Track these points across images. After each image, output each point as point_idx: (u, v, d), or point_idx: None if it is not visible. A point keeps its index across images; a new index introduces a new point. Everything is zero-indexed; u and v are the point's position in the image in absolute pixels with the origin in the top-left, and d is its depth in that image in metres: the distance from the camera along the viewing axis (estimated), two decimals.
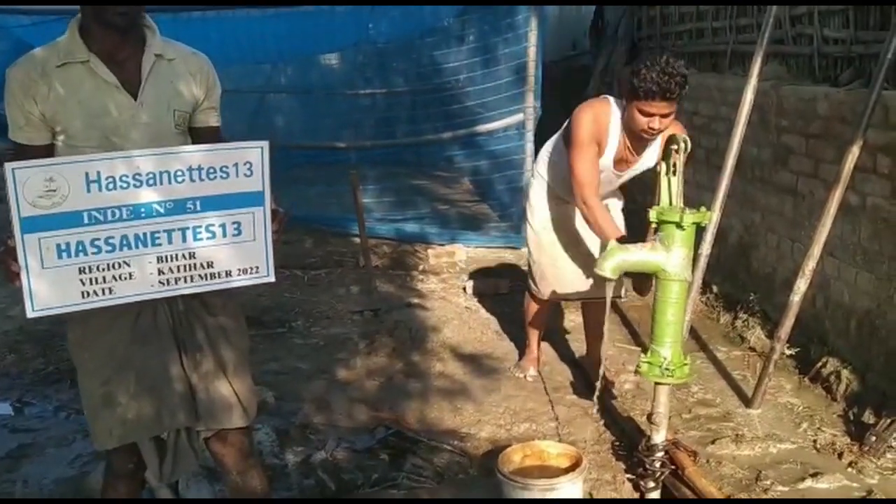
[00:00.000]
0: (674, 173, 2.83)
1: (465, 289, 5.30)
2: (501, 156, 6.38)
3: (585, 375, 3.94)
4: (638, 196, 4.36)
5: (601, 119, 3.24)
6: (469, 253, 6.07)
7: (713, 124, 5.04)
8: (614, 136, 3.26)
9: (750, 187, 4.60)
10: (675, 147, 2.79)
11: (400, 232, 6.40)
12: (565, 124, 3.48)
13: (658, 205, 2.84)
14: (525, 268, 5.62)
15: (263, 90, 8.39)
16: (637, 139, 3.23)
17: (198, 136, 2.15)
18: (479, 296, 5.17)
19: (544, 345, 4.22)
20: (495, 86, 6.26)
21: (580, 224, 3.57)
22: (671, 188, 2.85)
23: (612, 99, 3.32)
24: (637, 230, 3.52)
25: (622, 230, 3.28)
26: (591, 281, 3.61)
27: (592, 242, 3.59)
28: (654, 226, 2.83)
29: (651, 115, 3.03)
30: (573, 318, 4.72)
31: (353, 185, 5.21)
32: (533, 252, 3.74)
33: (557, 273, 3.66)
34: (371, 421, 3.49)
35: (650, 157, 3.35)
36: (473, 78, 6.39)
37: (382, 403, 3.67)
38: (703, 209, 2.80)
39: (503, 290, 5.24)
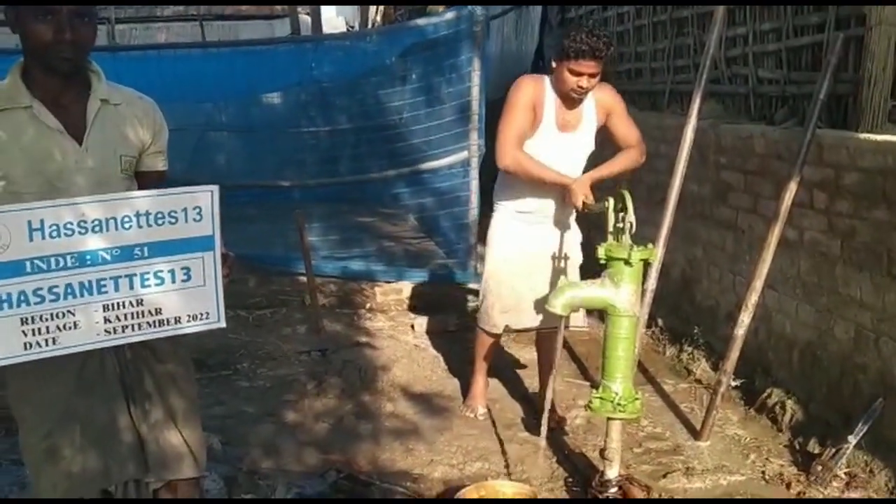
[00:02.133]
0: (622, 209, 2.89)
1: (412, 326, 5.27)
2: (446, 193, 6.40)
3: (536, 411, 3.94)
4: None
5: (538, 87, 3.38)
6: (416, 290, 6.04)
7: (654, 161, 5.11)
8: (550, 104, 3.38)
9: (691, 223, 4.70)
10: (620, 207, 2.85)
11: (346, 270, 6.33)
12: None
13: (606, 242, 2.90)
14: (473, 304, 5.70)
15: (204, 128, 8.31)
16: (569, 101, 3.37)
17: (144, 180, 2.11)
18: (427, 333, 5.15)
19: (494, 382, 4.23)
20: (439, 124, 6.30)
21: (540, 251, 3.61)
22: (619, 234, 2.90)
23: (544, 76, 3.47)
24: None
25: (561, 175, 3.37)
26: (545, 312, 3.63)
27: (549, 272, 3.63)
28: (602, 261, 2.88)
29: (580, 73, 3.22)
30: (521, 355, 4.73)
31: (299, 224, 5.17)
32: (491, 284, 3.71)
33: (518, 304, 3.66)
34: (322, 465, 3.42)
35: (589, 116, 3.46)
36: (417, 117, 6.43)
37: (333, 446, 3.60)
38: (650, 246, 2.86)
39: (451, 327, 5.24)
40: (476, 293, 5.89)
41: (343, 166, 7.41)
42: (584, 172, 3.50)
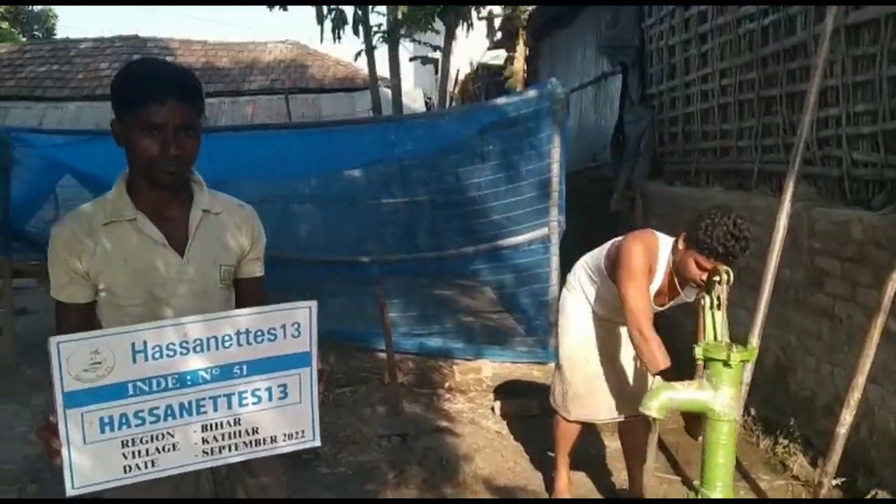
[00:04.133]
0: (718, 307, 2.79)
1: (493, 409, 5.18)
2: (526, 269, 6.34)
3: None
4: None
5: (652, 252, 3.24)
6: (495, 369, 5.97)
7: None
8: (660, 272, 3.25)
9: (784, 308, 4.52)
10: (717, 279, 2.77)
11: (424, 346, 6.32)
12: (606, 249, 3.48)
13: (703, 340, 2.79)
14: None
15: (287, 200, 8.50)
16: (684, 282, 3.22)
17: (241, 287, 2.13)
18: (508, 417, 5.05)
19: (580, 475, 4.09)
20: (519, 200, 6.29)
21: (617, 342, 3.52)
22: (716, 323, 2.80)
23: (657, 234, 3.33)
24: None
25: (669, 361, 3.18)
26: (626, 401, 3.52)
27: (628, 360, 3.53)
28: (699, 363, 2.77)
29: (707, 270, 2.96)
30: (608, 444, 4.58)
31: (380, 302, 5.20)
32: (566, 370, 3.63)
33: (592, 392, 3.56)
34: None
35: (689, 294, 3.31)
36: (497, 193, 6.43)
37: None
38: (749, 345, 2.75)
39: (533, 411, 5.12)
40: None
41: (422, 241, 7.43)
42: None
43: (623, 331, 3.48)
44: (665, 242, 3.27)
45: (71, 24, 72.69)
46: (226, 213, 2.11)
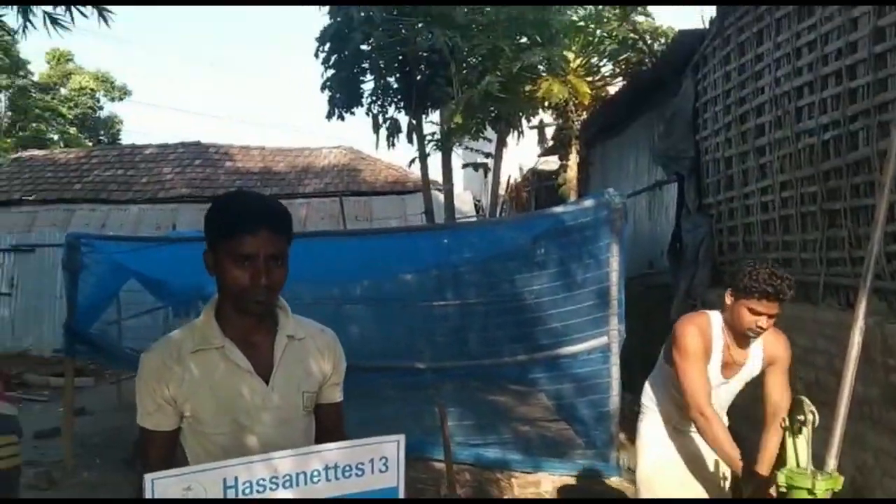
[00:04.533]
0: (798, 433, 2.71)
1: None
2: (585, 379, 6.24)
3: None
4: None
5: (705, 329, 3.28)
6: (554, 483, 5.81)
7: (810, 356, 4.89)
8: (718, 344, 3.28)
9: (858, 426, 4.36)
10: (802, 419, 2.70)
11: (481, 457, 6.21)
12: (665, 345, 3.45)
13: (785, 466, 2.70)
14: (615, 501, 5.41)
15: (340, 302, 8.59)
16: (741, 338, 3.25)
17: (321, 412, 2.14)
18: None
19: None
20: (577, 309, 6.25)
21: (696, 457, 3.45)
22: (797, 448, 2.72)
23: (708, 312, 3.38)
24: None
25: (736, 449, 3.14)
26: None
27: (709, 478, 3.45)
28: (782, 490, 2.68)
29: (760, 314, 3.09)
30: None
31: (441, 412, 5.16)
32: (644, 491, 3.55)
33: None
34: None
35: (755, 362, 3.33)
36: (555, 301, 6.42)
37: None
38: (834, 473, 2.65)
39: None
40: (620, 490, 5.64)
41: (477, 347, 7.41)
42: None
43: (703, 443, 3.40)
44: (716, 318, 3.32)
45: (135, 128, 76.23)
46: (309, 338, 2.14)
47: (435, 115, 11.41)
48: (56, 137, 29.48)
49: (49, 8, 5.22)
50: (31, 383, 10.80)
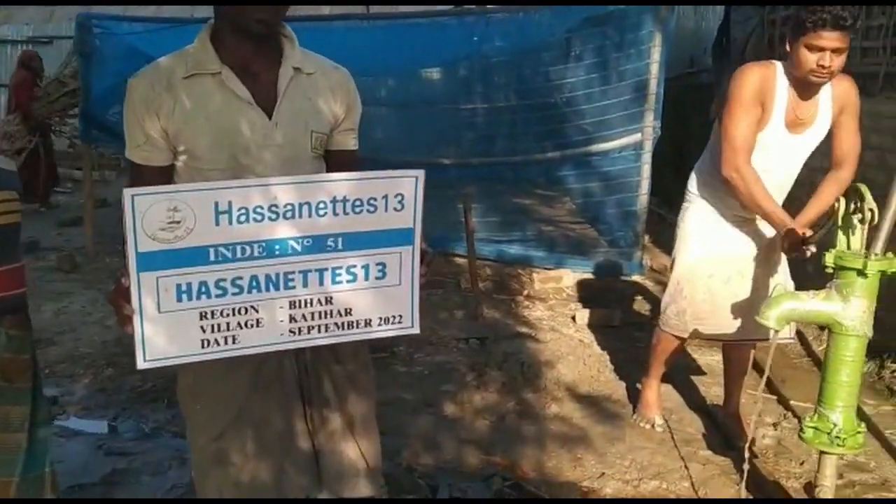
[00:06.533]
0: (858, 221, 2.47)
1: (574, 318, 4.97)
2: (614, 178, 6.02)
3: (718, 426, 3.57)
4: None
5: (768, 77, 2.91)
6: (576, 278, 5.73)
7: (863, 154, 4.56)
8: (782, 96, 2.91)
9: None
10: (860, 217, 2.43)
11: (503, 254, 6.11)
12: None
13: (836, 247, 2.49)
14: (639, 298, 5.33)
15: (364, 102, 8.21)
16: (806, 88, 2.89)
17: (333, 160, 1.91)
18: (590, 328, 4.83)
19: (667, 388, 3.87)
20: (612, 104, 5.92)
21: (741, 255, 3.20)
22: (850, 234, 2.50)
23: (777, 62, 2.98)
24: None
25: (783, 213, 2.91)
26: (750, 320, 3.22)
27: (753, 276, 3.20)
28: (828, 270, 2.48)
29: (822, 49, 2.71)
30: (699, 358, 4.34)
31: (466, 208, 5.02)
32: (683, 285, 3.29)
33: (715, 311, 3.24)
34: (483, 466, 3.21)
35: (823, 118, 2.98)
36: (590, 94, 6.06)
37: (495, 446, 3.38)
38: (890, 255, 2.44)
39: (615, 322, 4.91)
40: (642, 288, 5.55)
41: (505, 145, 7.14)
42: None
43: (752, 232, 3.17)
44: (783, 69, 2.93)
45: None
46: (320, 74, 1.89)
47: None
48: None
49: None
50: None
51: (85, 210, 6.99)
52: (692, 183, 3.31)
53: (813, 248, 2.71)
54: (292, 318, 1.60)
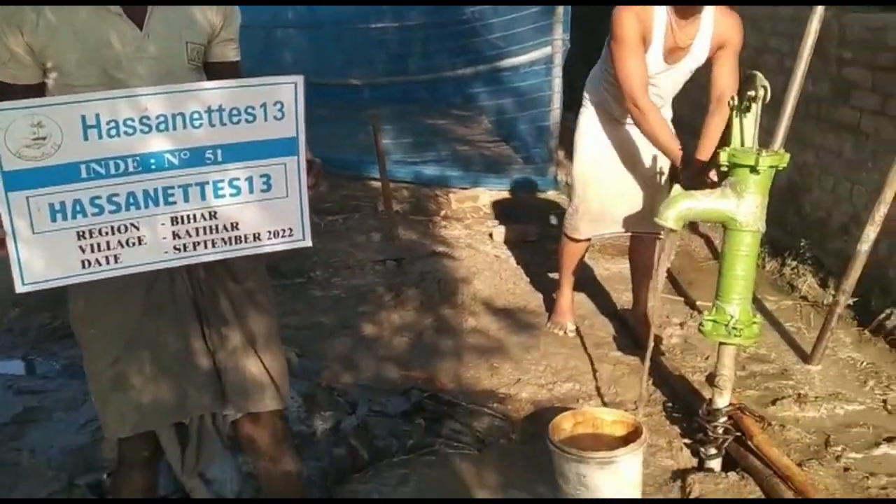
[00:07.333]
0: (747, 111, 2.53)
1: (491, 235, 5.01)
2: (526, 93, 6.01)
3: (628, 329, 3.69)
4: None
5: (642, 13, 2.98)
6: (492, 197, 5.75)
7: (761, 57, 4.65)
8: (660, 26, 3.00)
9: (803, 125, 4.22)
10: (752, 93, 2.49)
11: (419, 175, 6.07)
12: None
13: (729, 146, 2.54)
14: (555, 213, 5.40)
15: (271, 25, 7.97)
16: (684, 14, 2.97)
17: (214, 73, 1.82)
18: (506, 244, 4.88)
19: (581, 296, 3.97)
20: (520, 16, 5.86)
21: (633, 153, 3.34)
22: (743, 127, 2.56)
23: None
24: None
25: (677, 142, 3.03)
26: (641, 215, 3.37)
27: (641, 175, 3.35)
28: (723, 169, 2.54)
29: None
30: (608, 267, 4.45)
31: (374, 128, 4.91)
32: (578, 187, 3.47)
33: (605, 209, 3.41)
34: (402, 381, 3.25)
35: (702, 45, 3.07)
36: (498, 9, 5.98)
37: (413, 362, 3.42)
38: (780, 150, 2.51)
39: (531, 237, 4.96)
40: (557, 203, 5.61)
41: (415, 63, 7.03)
42: None
43: (640, 138, 3.24)
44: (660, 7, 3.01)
45: None
46: None
47: None
48: None
49: None
50: None
51: None
52: (586, 89, 3.41)
53: (714, 177, 2.81)
54: (176, 235, 1.55)
